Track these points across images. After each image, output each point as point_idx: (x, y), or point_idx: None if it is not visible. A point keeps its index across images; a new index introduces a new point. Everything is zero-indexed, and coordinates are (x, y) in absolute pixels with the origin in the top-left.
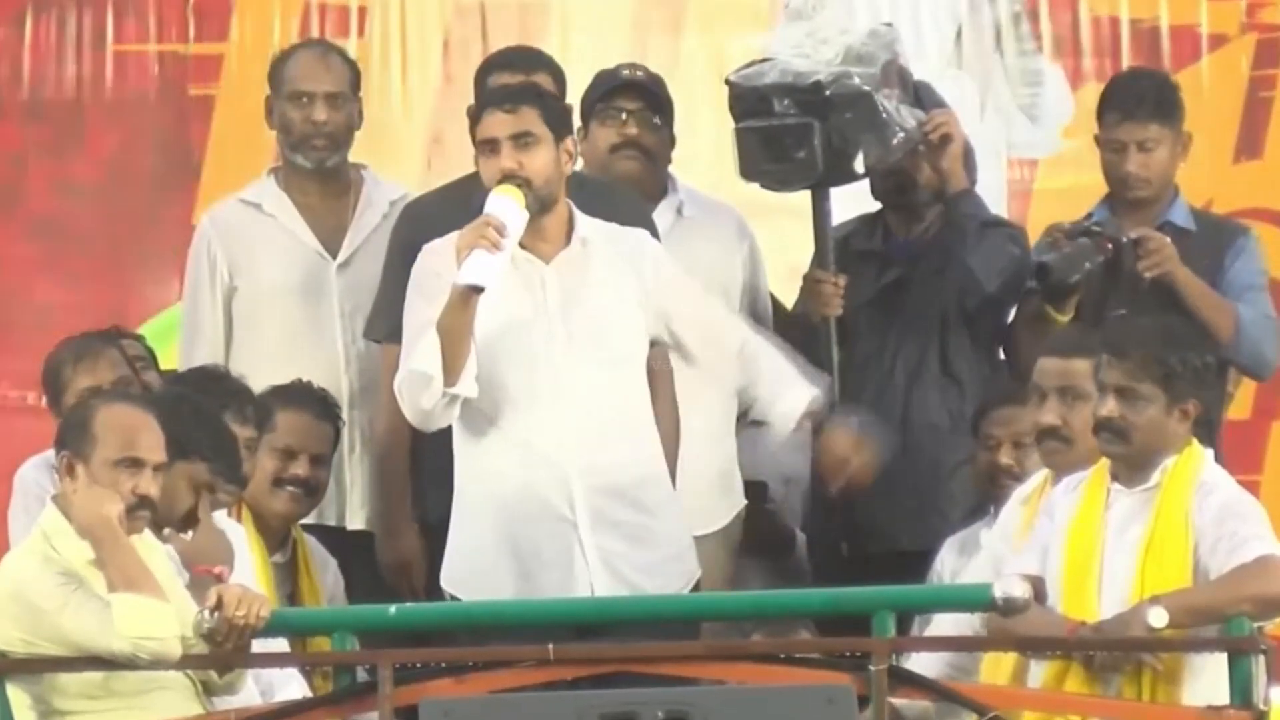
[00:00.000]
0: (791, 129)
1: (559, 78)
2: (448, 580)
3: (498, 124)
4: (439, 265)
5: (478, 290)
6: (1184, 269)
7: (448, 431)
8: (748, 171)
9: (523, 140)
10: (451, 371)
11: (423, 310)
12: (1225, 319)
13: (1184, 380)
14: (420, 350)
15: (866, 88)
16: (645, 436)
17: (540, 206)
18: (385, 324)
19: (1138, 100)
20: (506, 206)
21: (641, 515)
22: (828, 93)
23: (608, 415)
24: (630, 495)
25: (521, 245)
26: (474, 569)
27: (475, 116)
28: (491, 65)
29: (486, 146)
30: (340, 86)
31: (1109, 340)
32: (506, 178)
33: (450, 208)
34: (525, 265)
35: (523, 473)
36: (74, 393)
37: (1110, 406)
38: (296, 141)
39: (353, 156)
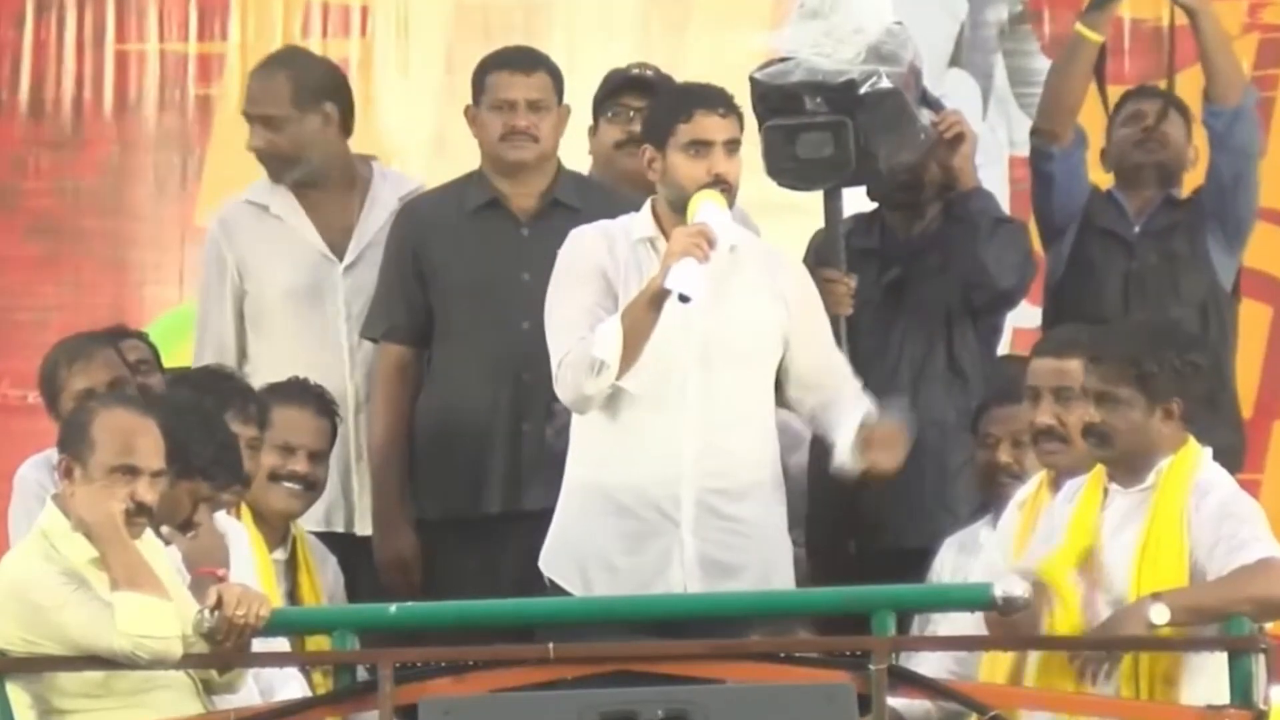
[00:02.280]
0: (822, 126)
1: (557, 77)
2: (545, 564)
3: (716, 127)
4: (587, 248)
5: (685, 300)
6: (1214, 17)
7: (446, 431)
8: (774, 169)
9: (732, 147)
10: (626, 364)
11: (577, 293)
12: (1237, 80)
13: (1162, 380)
14: (603, 338)
15: (896, 87)
16: (763, 442)
17: None
18: (383, 322)
19: (1144, 90)
20: (719, 218)
21: (743, 524)
22: (860, 91)
23: (730, 419)
24: (736, 502)
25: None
26: (574, 556)
27: (672, 113)
28: (490, 64)
29: (694, 147)
30: None
31: (1090, 344)
32: (717, 182)
33: (447, 207)
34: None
35: (633, 469)
36: (70, 395)
37: (1091, 412)
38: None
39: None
